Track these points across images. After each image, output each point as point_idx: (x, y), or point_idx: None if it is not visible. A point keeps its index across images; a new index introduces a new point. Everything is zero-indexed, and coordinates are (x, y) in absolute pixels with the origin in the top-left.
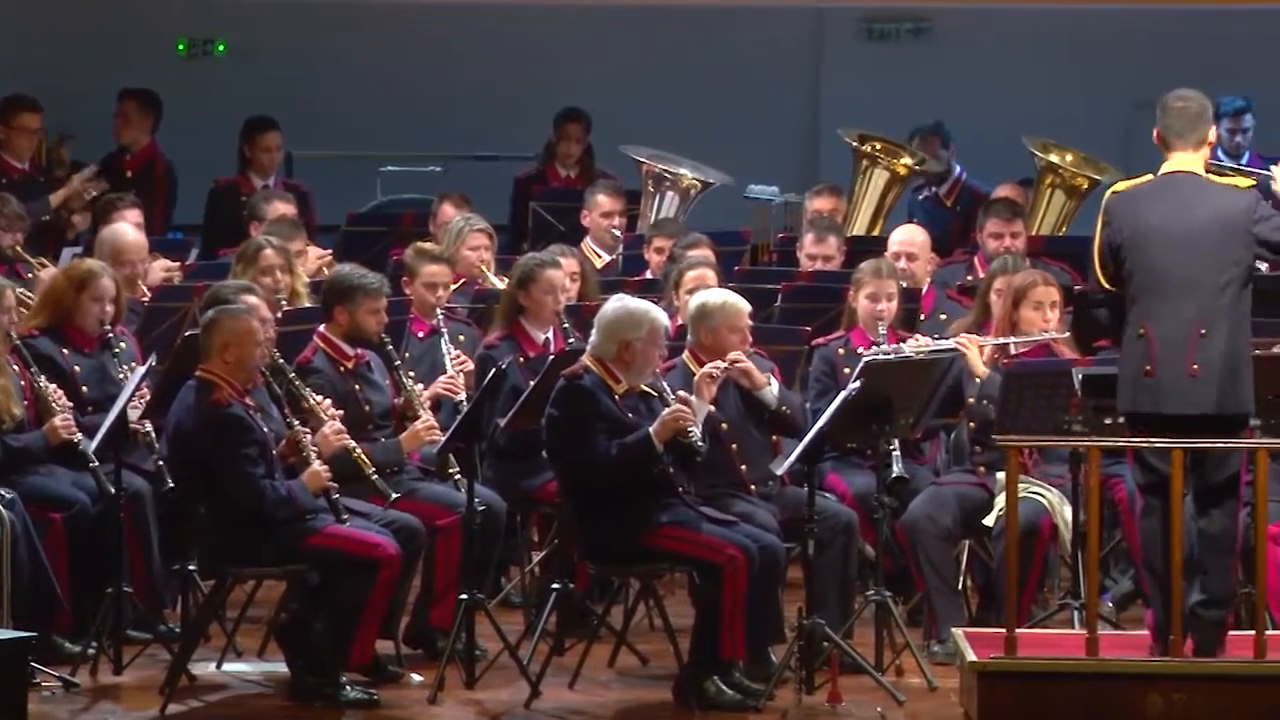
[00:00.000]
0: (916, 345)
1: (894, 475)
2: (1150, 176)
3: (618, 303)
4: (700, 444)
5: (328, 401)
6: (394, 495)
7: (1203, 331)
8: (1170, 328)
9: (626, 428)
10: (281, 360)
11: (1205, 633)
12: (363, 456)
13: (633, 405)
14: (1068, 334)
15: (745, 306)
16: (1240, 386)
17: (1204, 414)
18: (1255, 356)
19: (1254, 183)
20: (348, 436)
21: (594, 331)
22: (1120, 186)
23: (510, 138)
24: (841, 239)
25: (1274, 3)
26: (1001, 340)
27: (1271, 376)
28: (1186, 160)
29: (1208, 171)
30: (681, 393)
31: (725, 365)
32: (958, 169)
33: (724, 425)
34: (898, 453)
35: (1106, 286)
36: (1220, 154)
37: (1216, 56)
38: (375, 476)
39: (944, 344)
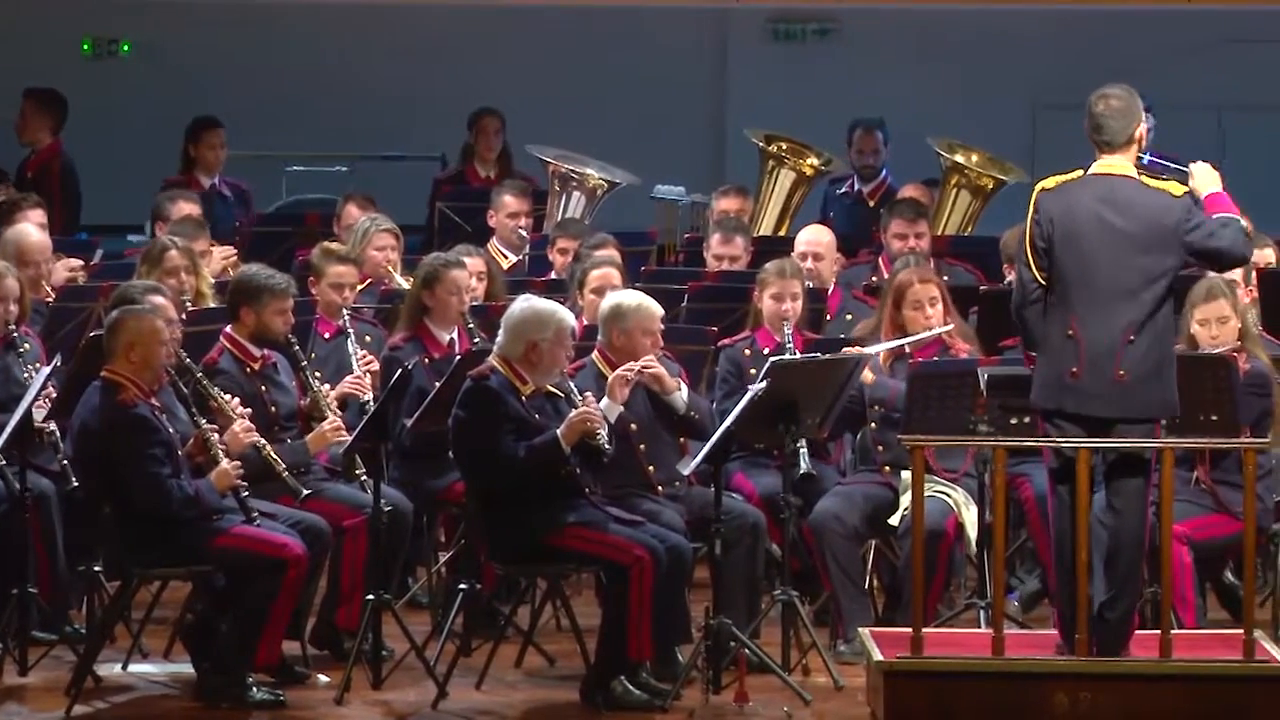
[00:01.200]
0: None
1: (803, 471)
2: (1079, 173)
3: (524, 303)
4: (607, 447)
5: (235, 400)
6: (305, 492)
7: (1131, 337)
8: (1100, 331)
9: (533, 428)
10: (188, 360)
11: (1111, 632)
12: (272, 454)
13: (539, 406)
14: (952, 326)
15: (658, 310)
16: (1165, 389)
17: (1126, 416)
18: None
19: (1187, 189)
20: (256, 434)
21: (501, 332)
22: (1049, 183)
23: (416, 138)
24: (748, 239)
25: (1174, 4)
26: (891, 344)
27: (1177, 375)
28: (1116, 162)
29: (1138, 170)
30: (589, 394)
31: (639, 369)
32: (884, 171)
33: (633, 426)
34: (805, 449)
35: (1041, 281)
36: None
37: (1119, 57)
38: (286, 474)
39: (851, 356)
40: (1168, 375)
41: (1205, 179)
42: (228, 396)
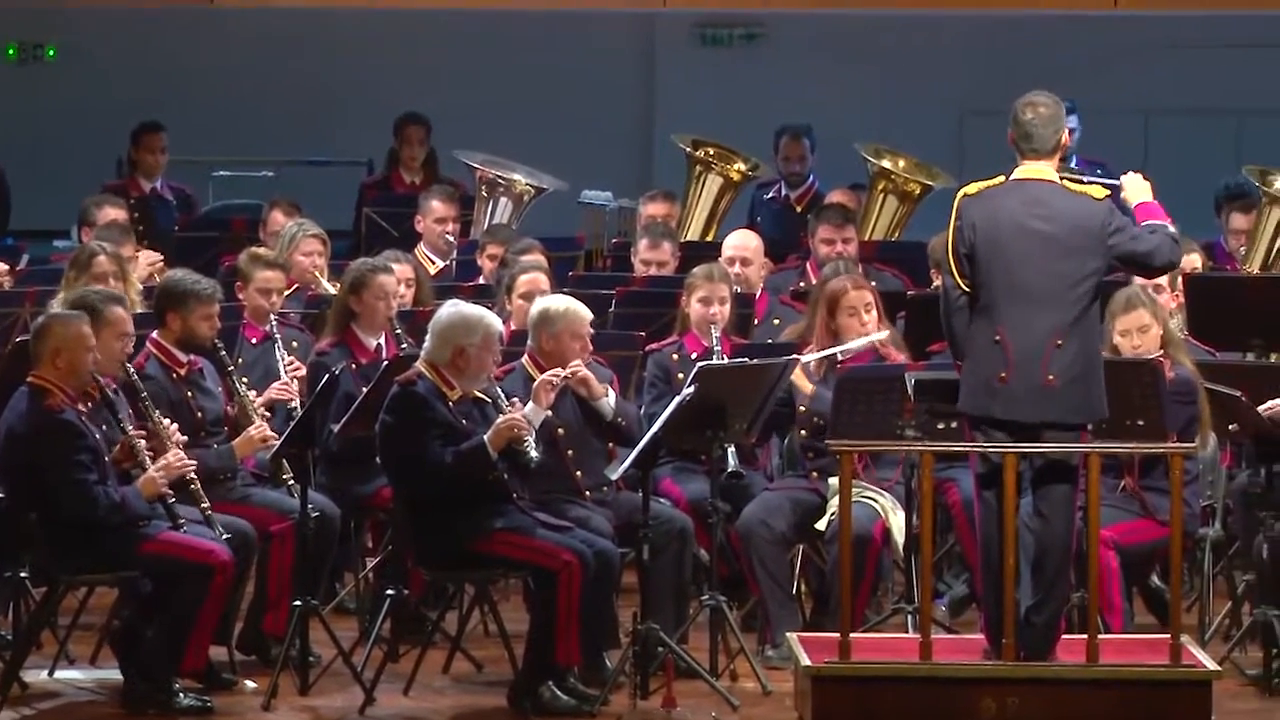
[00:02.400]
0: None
1: (730, 469)
2: (1002, 179)
3: (452, 308)
4: (534, 454)
5: (174, 427)
6: (224, 536)
7: (1059, 342)
8: (1026, 337)
9: (460, 434)
10: (135, 377)
11: (1038, 637)
12: (199, 490)
13: (467, 411)
14: (886, 333)
15: (587, 315)
16: (1092, 393)
17: (1056, 421)
18: None
19: (1108, 193)
20: (191, 467)
21: (428, 337)
22: (971, 189)
23: (342, 143)
24: (675, 245)
25: (1101, 9)
26: (827, 352)
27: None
28: (1039, 168)
29: (1061, 177)
30: (516, 400)
31: (566, 374)
32: (811, 177)
33: (560, 431)
34: (733, 449)
35: (964, 288)
36: (1074, 160)
37: (1045, 63)
38: (209, 513)
39: (779, 360)
40: (1095, 379)
41: (1136, 189)
42: (166, 422)
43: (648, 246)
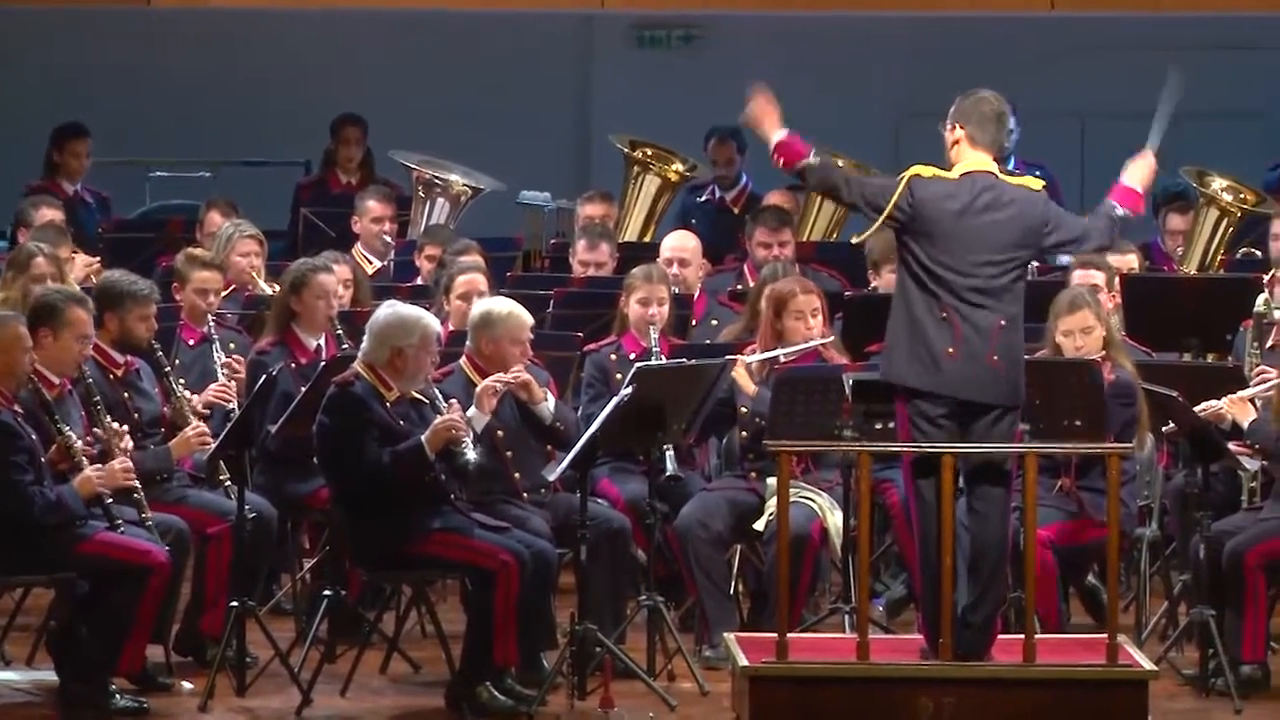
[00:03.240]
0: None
1: (668, 473)
2: (953, 173)
3: (389, 309)
4: (471, 455)
5: (126, 431)
6: (165, 549)
7: (1003, 322)
8: (975, 318)
9: (398, 435)
10: (90, 380)
11: (975, 636)
12: (143, 500)
13: (404, 412)
14: (832, 338)
15: (528, 319)
16: (1021, 379)
17: (996, 403)
18: (1025, 360)
19: (1044, 184)
20: (134, 481)
21: (365, 338)
22: (925, 171)
23: (279, 144)
24: (614, 246)
25: (1038, 11)
26: (769, 354)
27: (1041, 380)
28: (984, 160)
29: (1002, 173)
30: (455, 401)
31: (509, 380)
32: (744, 178)
33: (499, 433)
34: (671, 451)
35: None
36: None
37: (983, 64)
38: (150, 523)
39: (717, 361)
40: (1022, 365)
41: (1138, 169)
42: (116, 426)
43: (585, 247)
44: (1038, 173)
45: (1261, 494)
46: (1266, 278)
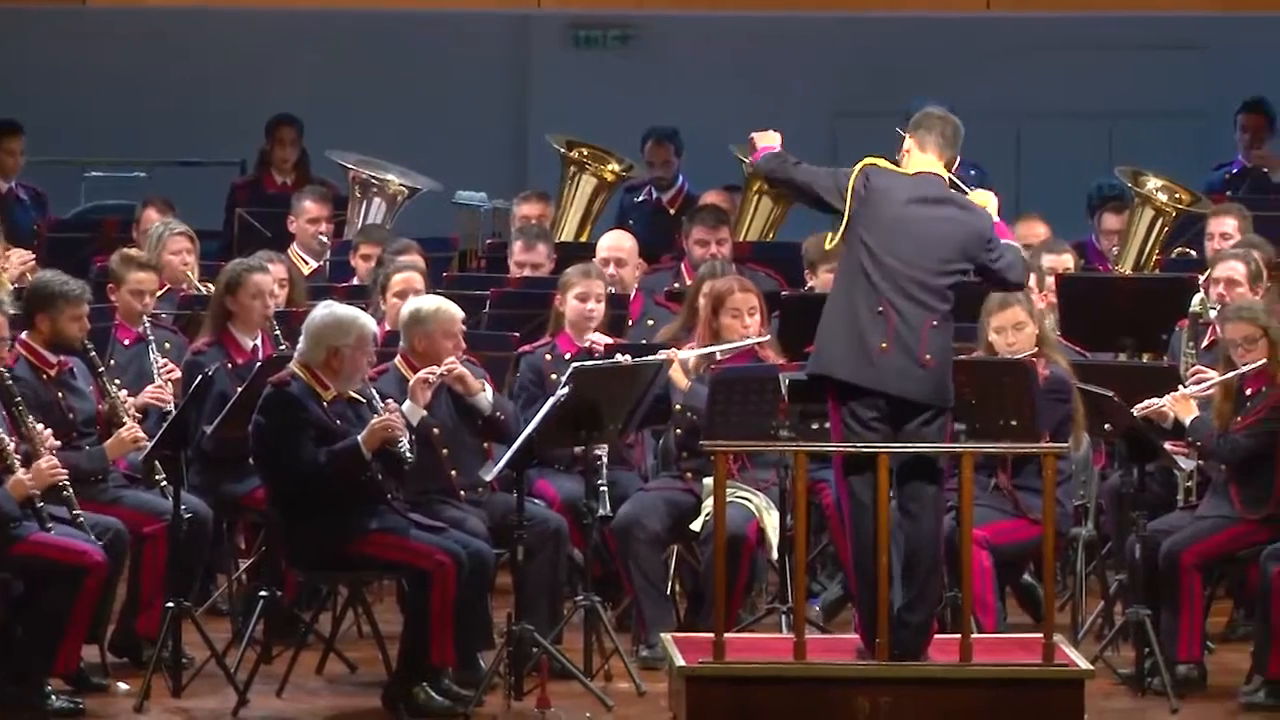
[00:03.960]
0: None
1: (600, 514)
2: (905, 171)
3: (325, 309)
4: (408, 455)
5: (49, 433)
6: (99, 544)
7: (934, 323)
8: (909, 316)
9: (334, 434)
10: (10, 381)
11: (911, 636)
12: (72, 497)
13: (341, 412)
14: (768, 337)
15: (459, 313)
16: (950, 383)
17: (926, 401)
18: (958, 360)
19: (987, 203)
20: (63, 475)
21: (302, 338)
22: (880, 163)
23: (215, 144)
24: (551, 247)
25: (973, 12)
26: (706, 350)
27: (974, 380)
28: (936, 165)
29: (951, 183)
30: (391, 401)
31: (441, 371)
32: (681, 178)
33: (436, 431)
34: (605, 489)
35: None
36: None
37: (918, 65)
38: (79, 519)
39: (652, 358)
40: (951, 368)
41: (986, 206)
42: (40, 427)
43: (523, 248)
44: (973, 173)
45: (1197, 493)
46: (1202, 278)
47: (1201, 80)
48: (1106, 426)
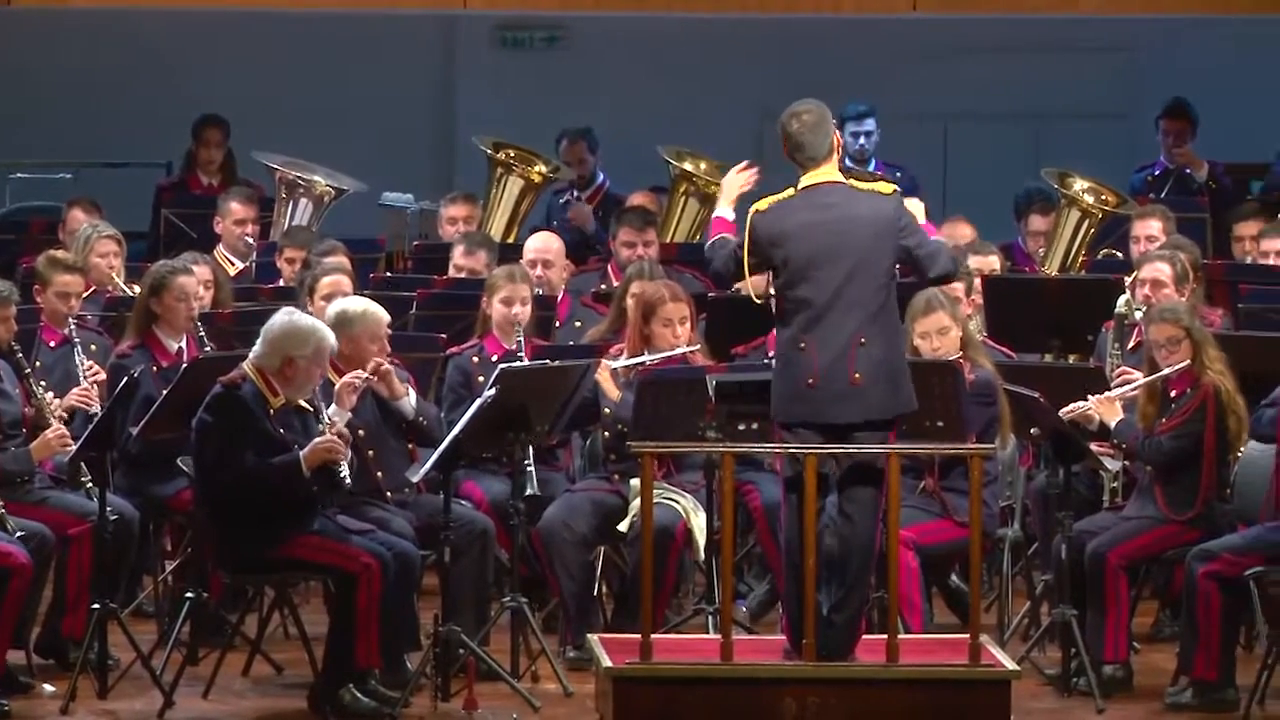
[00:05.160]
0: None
1: (527, 493)
2: (791, 191)
3: (287, 316)
4: (347, 480)
5: None
6: (18, 532)
7: (862, 340)
8: (831, 341)
9: (278, 444)
10: None
11: (838, 636)
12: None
13: (286, 421)
14: (698, 347)
15: (385, 316)
16: (899, 388)
17: (867, 420)
18: None
19: (895, 188)
20: None
21: (259, 342)
22: (762, 205)
23: (142, 145)
24: (492, 255)
25: (900, 13)
26: (635, 360)
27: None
28: (822, 172)
29: (847, 176)
30: (337, 421)
31: (367, 376)
32: (601, 176)
33: (361, 433)
34: (533, 469)
35: (757, 300)
36: (847, 160)
37: (844, 66)
38: (2, 515)
39: (581, 362)
40: (902, 374)
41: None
42: None
43: (463, 253)
44: (898, 174)
45: (1123, 494)
46: (1128, 279)
47: (1127, 82)
48: (1034, 431)
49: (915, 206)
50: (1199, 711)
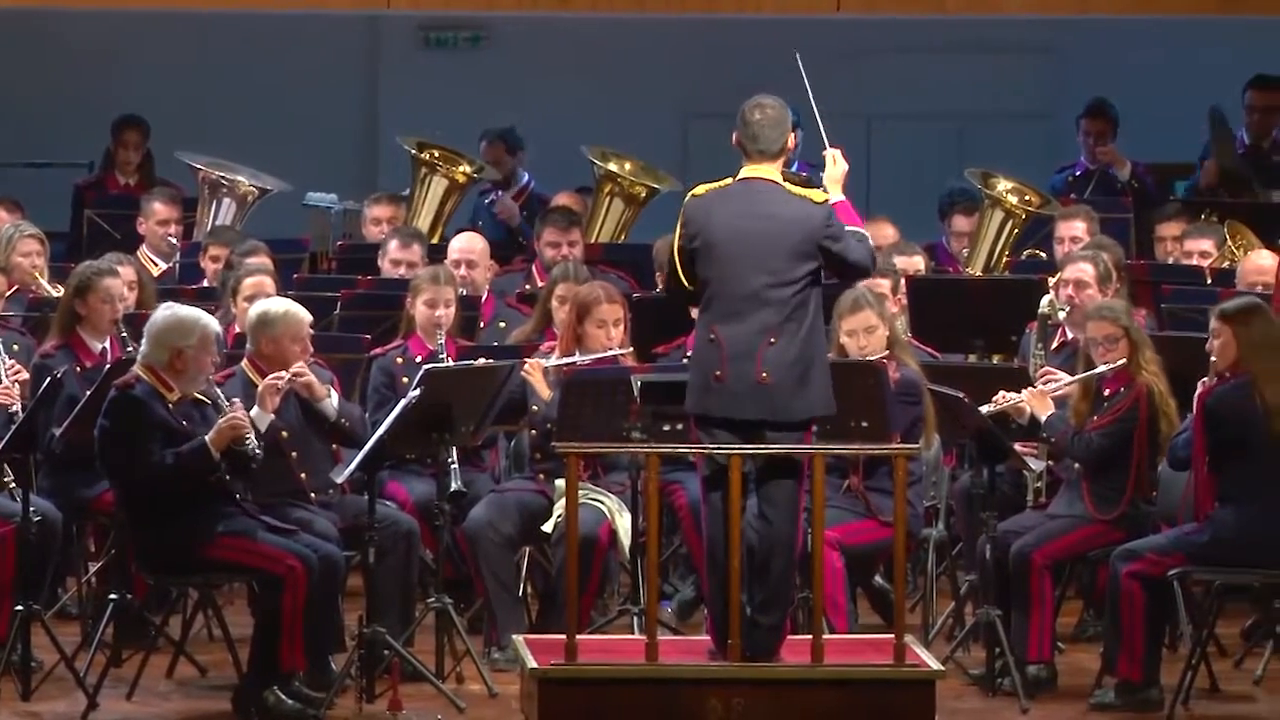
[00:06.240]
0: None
1: (452, 490)
2: (729, 181)
3: (167, 311)
4: (256, 453)
5: None
6: None
7: (772, 340)
8: (741, 334)
9: (180, 436)
10: None
11: (763, 637)
12: None
13: (186, 413)
14: (630, 349)
15: (306, 316)
16: (811, 390)
17: (773, 419)
18: None
19: (828, 198)
20: None
21: (144, 340)
22: (699, 191)
23: (63, 144)
24: (425, 247)
25: (823, 14)
26: (567, 360)
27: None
28: (765, 168)
29: (785, 178)
30: (237, 400)
31: (289, 377)
32: (525, 176)
33: (284, 434)
34: (456, 466)
35: (690, 288)
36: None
37: (768, 67)
38: None
39: (506, 363)
40: (816, 378)
41: (833, 173)
42: None
43: (399, 247)
44: (822, 174)
45: (1047, 494)
46: (1052, 280)
47: (1050, 83)
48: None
49: (836, 171)
50: (1123, 711)
